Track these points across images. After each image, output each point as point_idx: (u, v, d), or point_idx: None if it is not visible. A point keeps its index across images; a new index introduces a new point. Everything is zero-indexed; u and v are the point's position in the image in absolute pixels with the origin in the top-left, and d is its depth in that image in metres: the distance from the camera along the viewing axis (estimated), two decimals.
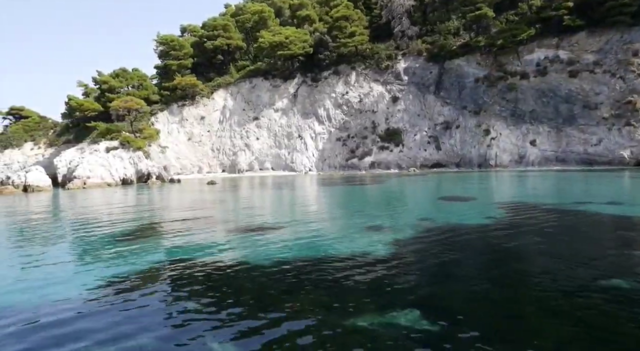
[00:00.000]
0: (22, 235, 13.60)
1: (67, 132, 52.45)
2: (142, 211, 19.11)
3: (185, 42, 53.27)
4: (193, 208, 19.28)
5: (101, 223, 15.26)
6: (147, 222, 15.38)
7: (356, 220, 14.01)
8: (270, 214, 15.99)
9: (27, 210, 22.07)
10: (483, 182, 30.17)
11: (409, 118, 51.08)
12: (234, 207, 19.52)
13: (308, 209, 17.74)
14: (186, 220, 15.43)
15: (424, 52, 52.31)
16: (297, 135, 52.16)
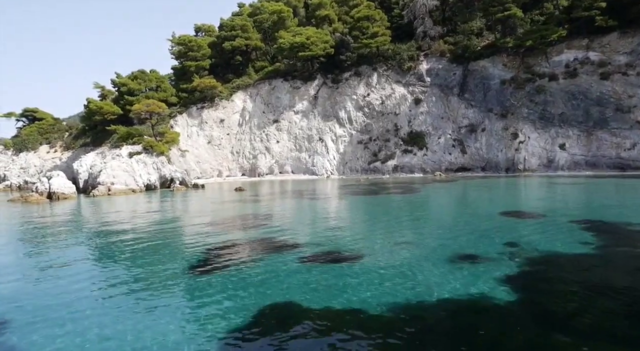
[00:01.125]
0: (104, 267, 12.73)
1: (84, 135, 51.62)
2: (193, 230, 18.23)
3: (203, 43, 52.28)
4: (245, 227, 18.39)
5: (161, 250, 14.40)
6: (210, 245, 14.49)
7: (430, 243, 13.15)
8: (330, 237, 15.04)
9: (69, 224, 21.20)
10: (529, 190, 29.23)
11: (432, 120, 50.08)
12: (281, 223, 18.60)
13: (370, 230, 16.77)
14: (253, 246, 14.55)
15: (447, 53, 51.25)
16: (318, 138, 51.23)
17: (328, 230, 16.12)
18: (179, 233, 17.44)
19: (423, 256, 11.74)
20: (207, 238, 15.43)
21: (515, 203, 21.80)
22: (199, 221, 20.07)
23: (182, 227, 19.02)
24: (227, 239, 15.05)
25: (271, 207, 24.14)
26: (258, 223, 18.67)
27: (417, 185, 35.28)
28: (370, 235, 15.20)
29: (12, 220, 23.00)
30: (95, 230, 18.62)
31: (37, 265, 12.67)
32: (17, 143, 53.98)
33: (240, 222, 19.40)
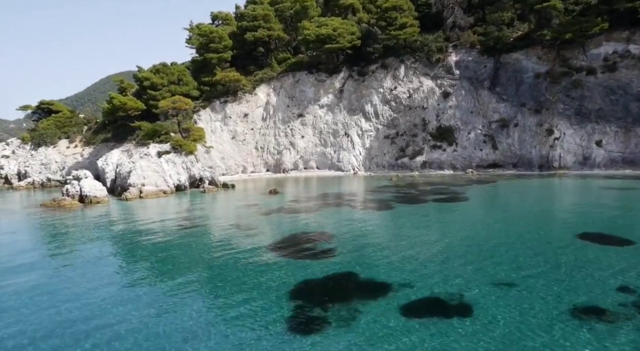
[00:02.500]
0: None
1: (104, 129, 50.41)
2: (260, 259, 17.35)
3: (224, 33, 50.52)
4: (310, 255, 17.48)
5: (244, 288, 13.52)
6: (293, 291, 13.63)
7: (532, 284, 12.24)
8: (416, 273, 14.06)
9: (125, 243, 20.29)
10: (586, 197, 28.24)
11: (461, 115, 48.78)
12: (345, 250, 17.65)
13: (451, 261, 15.76)
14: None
15: (477, 45, 49.59)
16: (344, 133, 50.03)
17: (406, 262, 15.21)
18: (244, 263, 16.51)
19: (534, 305, 10.87)
20: (286, 276, 14.52)
21: (587, 220, 20.81)
22: (256, 242, 19.12)
23: (238, 252, 18.06)
24: (304, 279, 14.00)
25: (320, 222, 23.10)
26: (320, 248, 17.69)
27: (457, 187, 34.28)
28: (459, 271, 14.22)
29: (70, 235, 22.05)
30: (161, 255, 17.70)
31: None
32: (35, 137, 52.76)
33: (298, 247, 18.40)
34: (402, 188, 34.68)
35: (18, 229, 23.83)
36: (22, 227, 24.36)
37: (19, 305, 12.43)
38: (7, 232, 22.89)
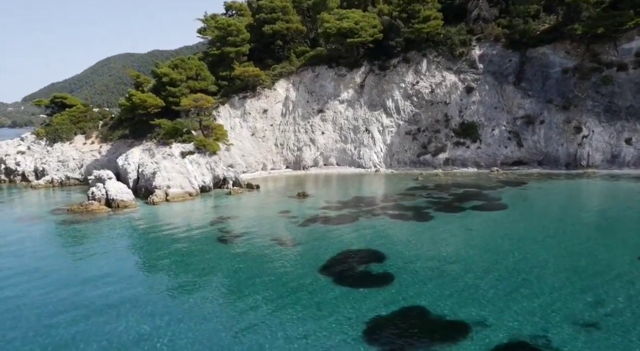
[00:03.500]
0: None
1: (121, 125, 49.53)
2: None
3: (241, 26, 49.15)
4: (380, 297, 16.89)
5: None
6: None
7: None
8: (508, 320, 13.38)
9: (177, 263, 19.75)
10: (630, 200, 27.46)
11: (484, 110, 47.79)
12: (405, 282, 17.08)
13: (532, 302, 14.94)
14: None
15: (502, 38, 48.23)
16: (364, 129, 49.13)
17: (471, 293, 14.75)
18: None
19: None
20: (349, 311, 13.95)
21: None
22: (304, 263, 18.56)
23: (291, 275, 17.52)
24: (371, 317, 13.37)
25: (364, 236, 22.56)
26: (374, 273, 17.22)
27: (489, 190, 33.63)
28: (530, 305, 13.67)
29: (118, 256, 21.39)
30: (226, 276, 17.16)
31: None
32: (49, 132, 51.87)
33: (350, 270, 17.88)
34: (432, 192, 34.03)
35: (61, 245, 23.15)
36: (63, 242, 23.57)
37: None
38: (51, 250, 22.27)
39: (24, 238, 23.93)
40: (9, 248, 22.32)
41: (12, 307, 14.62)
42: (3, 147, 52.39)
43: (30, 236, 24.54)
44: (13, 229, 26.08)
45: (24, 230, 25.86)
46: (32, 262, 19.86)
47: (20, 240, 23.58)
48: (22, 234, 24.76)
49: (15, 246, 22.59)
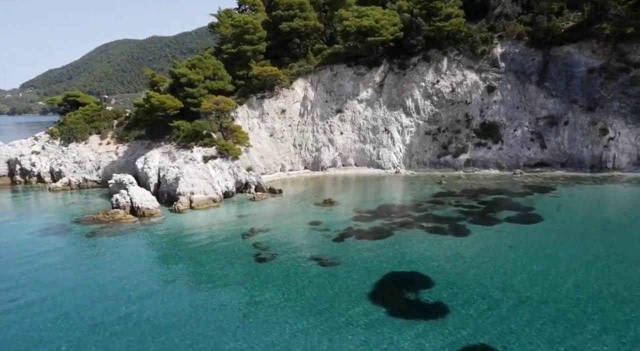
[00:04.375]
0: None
1: (137, 125, 48.87)
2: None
3: (258, 24, 48.12)
4: None
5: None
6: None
7: None
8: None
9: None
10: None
11: (506, 110, 47.05)
12: (463, 303, 16.66)
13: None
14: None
15: (525, 36, 47.21)
16: (384, 129, 48.43)
17: (538, 334, 14.24)
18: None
19: None
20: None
21: None
22: (349, 288, 18.13)
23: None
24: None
25: (403, 255, 22.14)
26: (424, 301, 16.82)
27: (518, 197, 33.12)
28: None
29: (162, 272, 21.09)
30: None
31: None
32: (64, 132, 51.26)
33: (399, 297, 17.45)
34: (460, 198, 33.53)
35: (97, 261, 22.67)
36: (98, 258, 23.04)
37: None
38: (87, 268, 21.90)
39: (56, 253, 23.58)
40: (45, 261, 22.00)
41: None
42: (17, 146, 51.86)
43: (62, 250, 24.17)
44: (43, 242, 25.70)
45: (55, 243, 25.47)
46: (71, 277, 19.56)
47: (53, 255, 23.23)
48: (54, 248, 24.39)
49: (50, 259, 22.28)
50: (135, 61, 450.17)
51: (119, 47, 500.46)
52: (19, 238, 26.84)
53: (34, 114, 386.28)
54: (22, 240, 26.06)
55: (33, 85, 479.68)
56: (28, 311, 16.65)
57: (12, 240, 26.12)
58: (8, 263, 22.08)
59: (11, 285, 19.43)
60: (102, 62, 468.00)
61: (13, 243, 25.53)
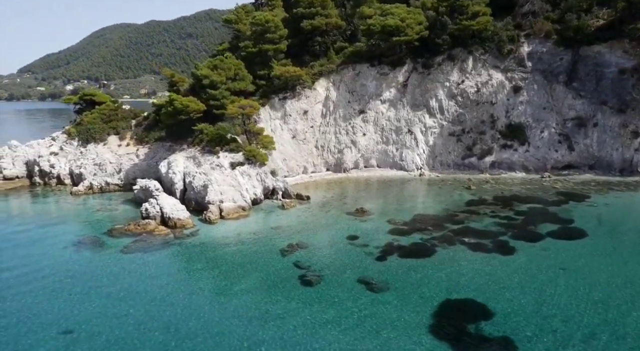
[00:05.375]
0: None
1: (157, 126, 48.19)
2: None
3: (279, 22, 47.00)
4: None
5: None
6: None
7: None
8: None
9: None
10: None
11: (532, 111, 46.21)
12: (533, 341, 16.19)
13: None
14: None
15: (553, 34, 46.03)
16: (407, 130, 47.68)
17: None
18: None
19: None
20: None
21: None
22: (408, 321, 17.72)
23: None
24: None
25: (450, 279, 21.69)
26: (492, 338, 16.32)
27: (554, 207, 32.58)
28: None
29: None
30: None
31: None
32: (81, 132, 50.63)
33: (463, 334, 17.01)
34: (494, 207, 33.06)
35: (142, 283, 22.22)
36: (142, 280, 22.42)
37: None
38: (134, 291, 21.53)
39: (96, 274, 23.20)
40: (88, 284, 21.66)
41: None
42: (35, 147, 51.38)
43: (101, 269, 23.78)
44: (80, 260, 25.31)
45: (92, 262, 25.03)
46: (123, 305, 19.24)
47: (94, 276, 22.87)
48: (93, 268, 23.97)
49: (93, 282, 21.93)
50: (134, 46, 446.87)
51: (117, 32, 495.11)
52: (55, 253, 26.46)
53: (33, 100, 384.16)
54: (60, 258, 25.63)
55: (31, 70, 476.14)
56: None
57: (50, 258, 25.66)
58: (56, 289, 21.38)
59: (67, 313, 19.05)
60: (100, 47, 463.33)
61: (51, 262, 24.92)
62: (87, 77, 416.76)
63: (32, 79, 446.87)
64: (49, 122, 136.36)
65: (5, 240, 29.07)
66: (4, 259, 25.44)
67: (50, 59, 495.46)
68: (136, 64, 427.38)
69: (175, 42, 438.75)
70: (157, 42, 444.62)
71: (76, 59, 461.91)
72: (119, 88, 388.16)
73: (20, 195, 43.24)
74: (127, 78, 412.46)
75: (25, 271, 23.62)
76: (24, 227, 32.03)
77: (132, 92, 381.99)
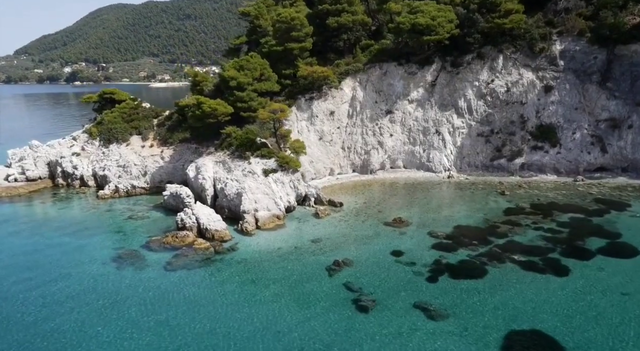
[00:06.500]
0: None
1: (180, 127, 47.44)
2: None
3: (304, 19, 45.68)
4: None
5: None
6: None
7: None
8: None
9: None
10: None
11: (563, 111, 45.26)
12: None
13: None
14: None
15: (587, 32, 44.74)
16: (434, 131, 46.84)
17: None
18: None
19: None
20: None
21: None
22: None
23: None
24: None
25: (511, 305, 21.22)
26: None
27: (597, 218, 31.96)
28: None
29: None
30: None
31: None
32: (103, 131, 49.90)
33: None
34: (535, 217, 32.56)
35: (197, 318, 21.95)
36: (196, 305, 22.01)
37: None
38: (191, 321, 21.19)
39: (145, 297, 22.87)
40: (141, 310, 21.35)
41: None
42: (56, 147, 50.89)
43: (149, 291, 23.44)
44: (124, 280, 24.91)
45: (137, 281, 24.61)
46: (177, 336, 18.95)
47: (143, 300, 22.57)
48: (140, 290, 23.58)
49: (145, 307, 21.64)
50: (131, 27, 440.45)
51: (114, 12, 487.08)
52: (96, 271, 26.13)
53: (31, 83, 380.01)
54: (101, 277, 25.28)
55: (27, 52, 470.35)
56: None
57: (91, 277, 25.32)
58: (103, 317, 21.05)
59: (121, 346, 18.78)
60: (97, 28, 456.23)
61: (92, 282, 24.59)
62: (85, 59, 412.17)
63: (29, 61, 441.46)
64: (51, 111, 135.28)
65: (40, 255, 28.63)
66: (43, 279, 24.78)
67: (47, 40, 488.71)
68: (134, 46, 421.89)
69: (173, 23, 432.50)
70: (154, 23, 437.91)
71: (73, 41, 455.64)
72: (118, 71, 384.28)
73: (44, 199, 42.81)
74: (126, 60, 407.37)
75: (66, 294, 23.26)
76: (57, 239, 31.63)
77: (131, 75, 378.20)
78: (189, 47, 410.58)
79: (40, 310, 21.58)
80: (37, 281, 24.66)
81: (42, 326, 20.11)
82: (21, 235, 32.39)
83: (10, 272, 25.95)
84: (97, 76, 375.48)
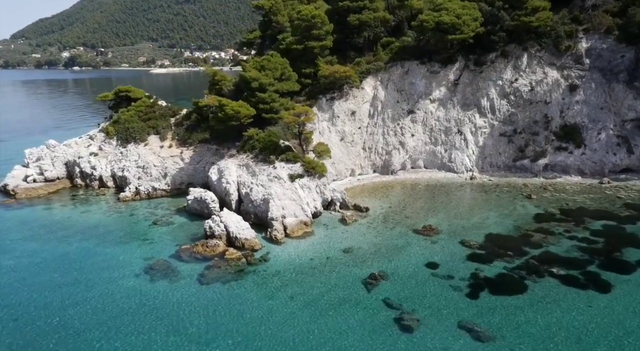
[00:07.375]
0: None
1: (199, 127, 46.89)
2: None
3: (325, 17, 44.65)
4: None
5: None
6: None
7: None
8: None
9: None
10: None
11: (588, 111, 44.58)
12: None
13: None
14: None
15: (615, 30, 43.76)
16: (456, 130, 46.23)
17: None
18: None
19: None
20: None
21: None
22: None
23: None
24: None
25: (561, 328, 20.98)
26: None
27: (630, 225, 31.67)
28: None
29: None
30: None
31: None
32: (120, 131, 49.39)
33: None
34: (566, 225, 32.28)
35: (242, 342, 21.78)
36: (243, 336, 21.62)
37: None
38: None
39: (181, 311, 22.80)
40: (177, 327, 21.21)
41: None
42: (73, 147, 50.45)
43: (183, 305, 23.35)
44: (159, 294, 24.72)
45: (172, 296, 24.44)
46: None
47: (180, 316, 22.47)
48: (177, 307, 23.43)
49: (186, 326, 21.48)
50: (129, 11, 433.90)
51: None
52: (128, 284, 25.94)
53: (29, 68, 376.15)
54: (135, 290, 25.11)
55: (24, 36, 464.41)
56: None
57: (124, 290, 25.15)
58: (141, 336, 20.92)
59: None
60: (95, 12, 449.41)
61: (126, 296, 24.45)
62: (83, 43, 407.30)
63: (27, 45, 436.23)
64: (52, 100, 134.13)
65: (70, 266, 28.35)
66: (78, 298, 24.49)
67: (44, 24, 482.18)
68: (133, 31, 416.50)
69: (172, 7, 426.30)
70: (153, 7, 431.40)
71: (70, 24, 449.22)
72: (117, 56, 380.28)
73: (64, 201, 42.48)
74: (125, 45, 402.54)
75: (100, 308, 23.14)
76: (84, 247, 31.33)
77: (130, 60, 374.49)
78: (188, 31, 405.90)
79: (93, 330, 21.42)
80: (76, 298, 24.47)
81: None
82: (50, 244, 32.06)
83: (49, 286, 25.81)
84: (96, 61, 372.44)
